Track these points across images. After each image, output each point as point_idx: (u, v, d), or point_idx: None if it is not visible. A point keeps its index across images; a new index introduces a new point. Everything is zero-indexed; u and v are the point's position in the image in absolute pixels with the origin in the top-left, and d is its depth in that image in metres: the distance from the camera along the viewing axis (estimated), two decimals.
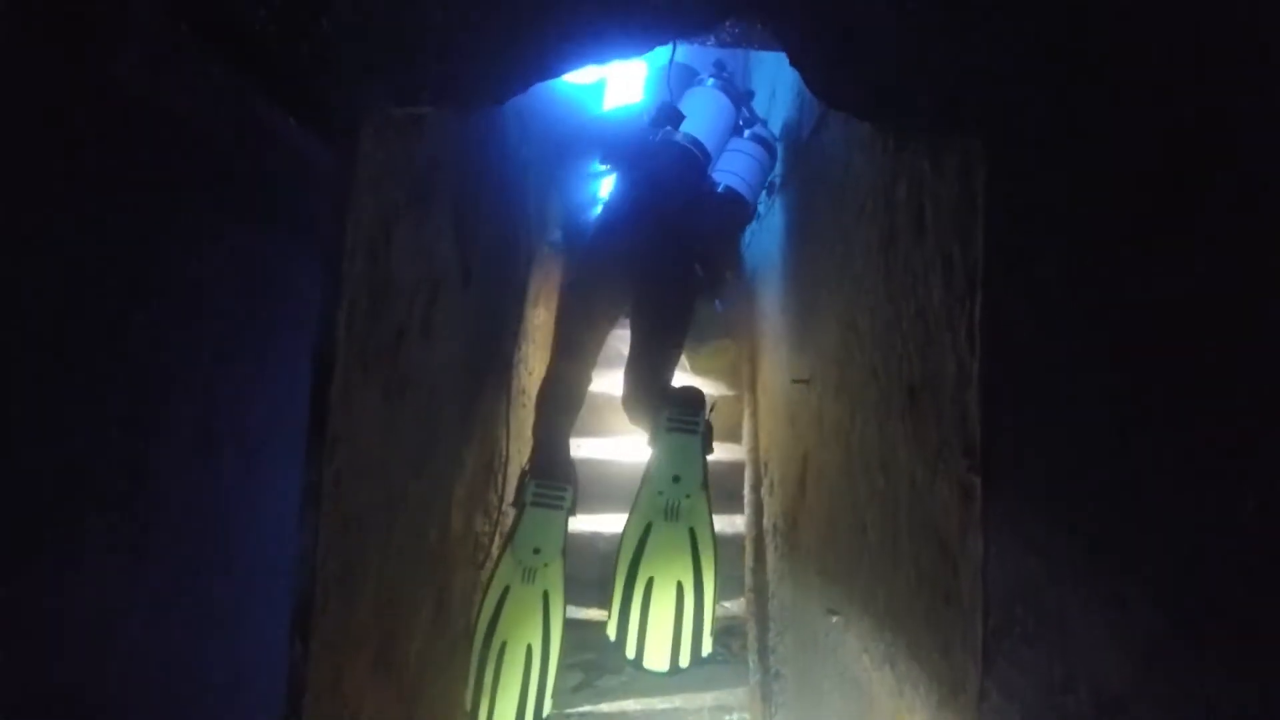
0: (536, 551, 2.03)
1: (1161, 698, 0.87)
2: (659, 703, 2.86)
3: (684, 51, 2.46)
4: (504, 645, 1.97)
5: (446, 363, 1.59)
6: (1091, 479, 0.94)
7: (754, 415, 3.39)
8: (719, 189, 2.51)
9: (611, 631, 1.93)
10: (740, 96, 2.71)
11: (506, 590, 2.00)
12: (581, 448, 3.30)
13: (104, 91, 0.66)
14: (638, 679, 2.97)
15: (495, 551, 2.23)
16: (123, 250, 0.69)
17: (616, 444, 3.45)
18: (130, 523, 0.71)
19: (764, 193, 2.76)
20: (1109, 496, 0.93)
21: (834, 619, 1.78)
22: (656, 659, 1.94)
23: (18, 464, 0.59)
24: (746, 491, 3.23)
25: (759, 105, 3.47)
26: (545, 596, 2.03)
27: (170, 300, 0.74)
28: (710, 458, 3.25)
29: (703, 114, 2.53)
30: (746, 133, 2.67)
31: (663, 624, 1.94)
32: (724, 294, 2.79)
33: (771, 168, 2.71)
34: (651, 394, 2.22)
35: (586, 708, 2.82)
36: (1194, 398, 0.87)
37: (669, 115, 2.44)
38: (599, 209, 2.50)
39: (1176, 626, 0.86)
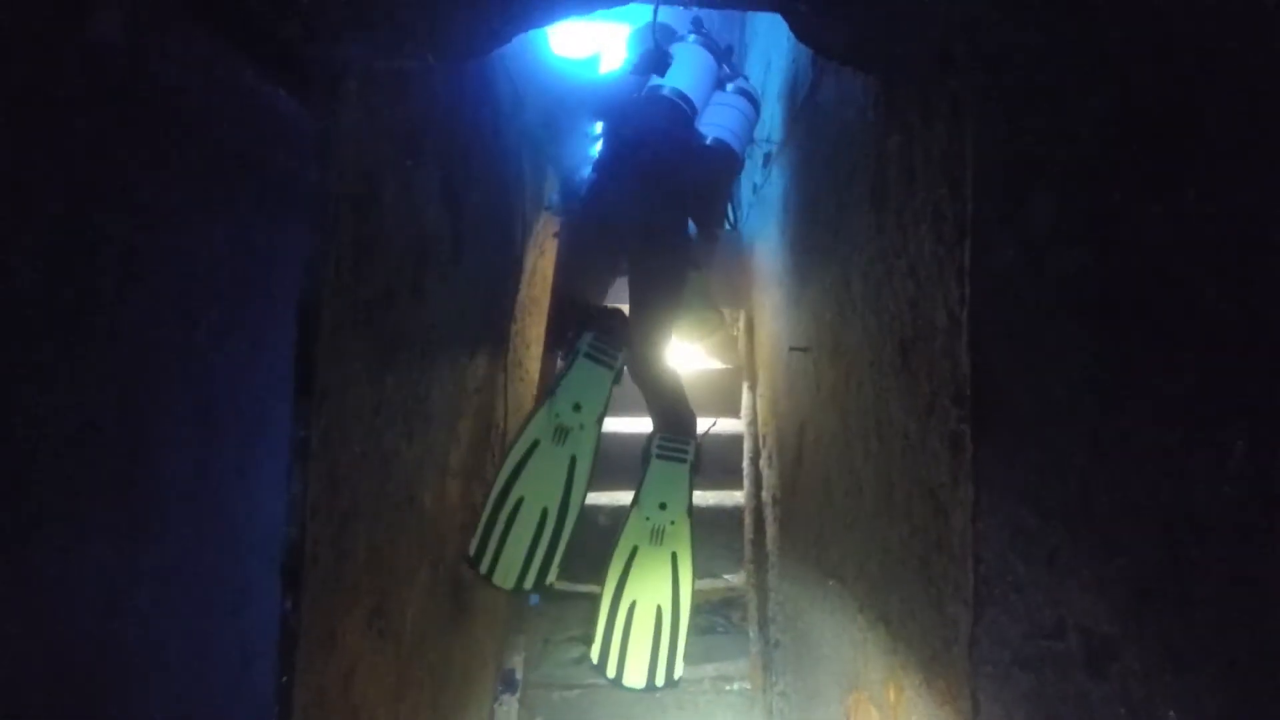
0: (577, 408, 1.99)
1: (1151, 641, 0.87)
2: None
3: (664, 12, 2.44)
4: (520, 501, 1.96)
5: (439, 328, 1.59)
6: (1081, 424, 0.93)
7: (752, 388, 3.39)
8: (707, 141, 2.50)
9: (595, 655, 1.98)
10: (721, 52, 2.71)
11: (535, 445, 1.97)
12: None
13: (86, 56, 0.65)
14: None
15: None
16: (112, 224, 0.68)
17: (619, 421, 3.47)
18: (130, 500, 0.71)
19: (750, 146, 2.78)
20: (1099, 441, 0.92)
21: (831, 583, 1.79)
22: (634, 678, 2.00)
23: (16, 443, 0.59)
24: (745, 464, 3.23)
25: (754, 78, 3.44)
26: (572, 462, 2.00)
27: (164, 276, 0.74)
28: (710, 432, 3.28)
29: (686, 69, 2.52)
30: (729, 86, 2.67)
31: (641, 646, 2.00)
32: (713, 251, 2.82)
33: (756, 120, 2.72)
34: (649, 361, 2.23)
35: (589, 681, 2.83)
36: (1184, 341, 0.87)
37: (656, 60, 2.44)
38: (592, 169, 2.49)
39: (1166, 570, 0.86)
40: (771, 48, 2.97)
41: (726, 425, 3.37)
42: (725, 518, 3.15)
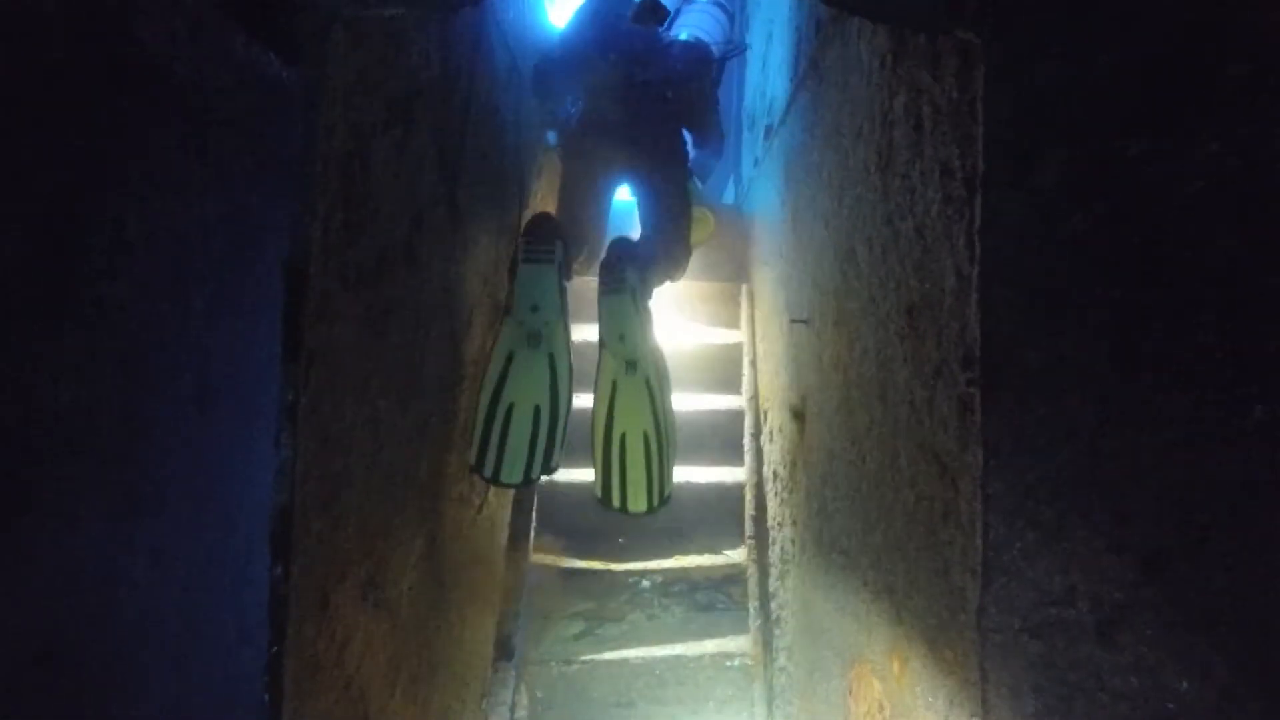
0: (535, 309, 2.01)
1: (1162, 608, 0.84)
2: (659, 650, 2.87)
3: None
4: (511, 406, 2.02)
5: (434, 297, 1.55)
6: (1092, 386, 0.90)
7: (753, 364, 3.36)
8: (682, 38, 2.57)
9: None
10: None
11: (511, 356, 2.02)
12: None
13: (72, 24, 0.63)
14: (638, 628, 2.99)
15: (490, 497, 2.23)
16: (102, 198, 0.66)
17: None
18: (127, 477, 0.70)
19: (728, 50, 2.85)
20: (1110, 404, 0.89)
21: (834, 556, 1.77)
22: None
23: (10, 422, 0.57)
24: (746, 440, 3.21)
25: (756, 50, 3.38)
26: (551, 360, 2.06)
27: (156, 250, 0.72)
28: (710, 408, 3.25)
29: None
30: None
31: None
32: (701, 157, 2.83)
33: (730, 27, 2.80)
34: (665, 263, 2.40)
35: (588, 656, 2.83)
36: (1202, 300, 0.84)
37: (651, 9, 2.48)
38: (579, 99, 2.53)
39: (1178, 537, 0.83)
40: (773, 19, 2.91)
41: (728, 402, 3.34)
42: (726, 494, 3.13)
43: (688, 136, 2.69)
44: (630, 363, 2.11)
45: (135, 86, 0.69)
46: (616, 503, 2.12)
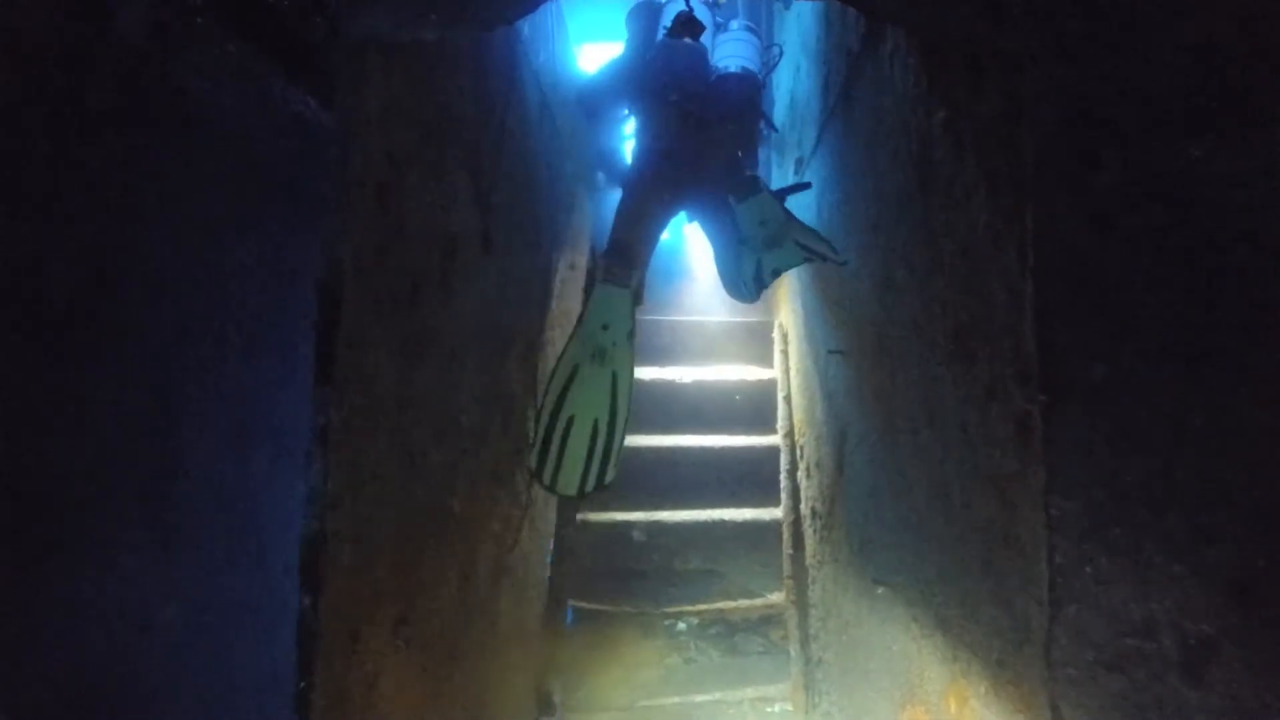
0: (605, 328, 2.09)
1: (1256, 641, 0.78)
2: (698, 696, 2.77)
3: None
4: (571, 419, 2.05)
5: (468, 329, 1.54)
6: (1163, 400, 0.85)
7: (787, 399, 3.30)
8: (732, 70, 2.63)
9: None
10: (710, 3, 2.86)
11: (576, 370, 2.07)
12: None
13: (118, 67, 0.64)
14: (675, 673, 2.89)
15: (523, 528, 2.21)
16: (144, 237, 0.66)
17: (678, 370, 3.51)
18: (162, 517, 0.69)
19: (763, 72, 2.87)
20: (1183, 419, 0.84)
21: (879, 590, 1.69)
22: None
23: (50, 458, 0.57)
24: (782, 478, 3.14)
25: (783, 85, 3.40)
26: (614, 378, 2.11)
27: (194, 288, 0.72)
28: (743, 445, 3.19)
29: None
30: (733, 24, 2.78)
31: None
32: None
33: (766, 49, 2.86)
34: (740, 274, 2.48)
35: (624, 703, 2.74)
36: (1274, 304, 0.79)
37: (689, 25, 2.56)
38: (634, 135, 2.61)
39: (1271, 561, 0.77)
40: (800, 53, 2.92)
41: (761, 439, 3.28)
42: (762, 534, 3.05)
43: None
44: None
45: (176, 131, 0.70)
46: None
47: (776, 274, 2.47)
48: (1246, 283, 0.82)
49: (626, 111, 2.65)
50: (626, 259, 2.23)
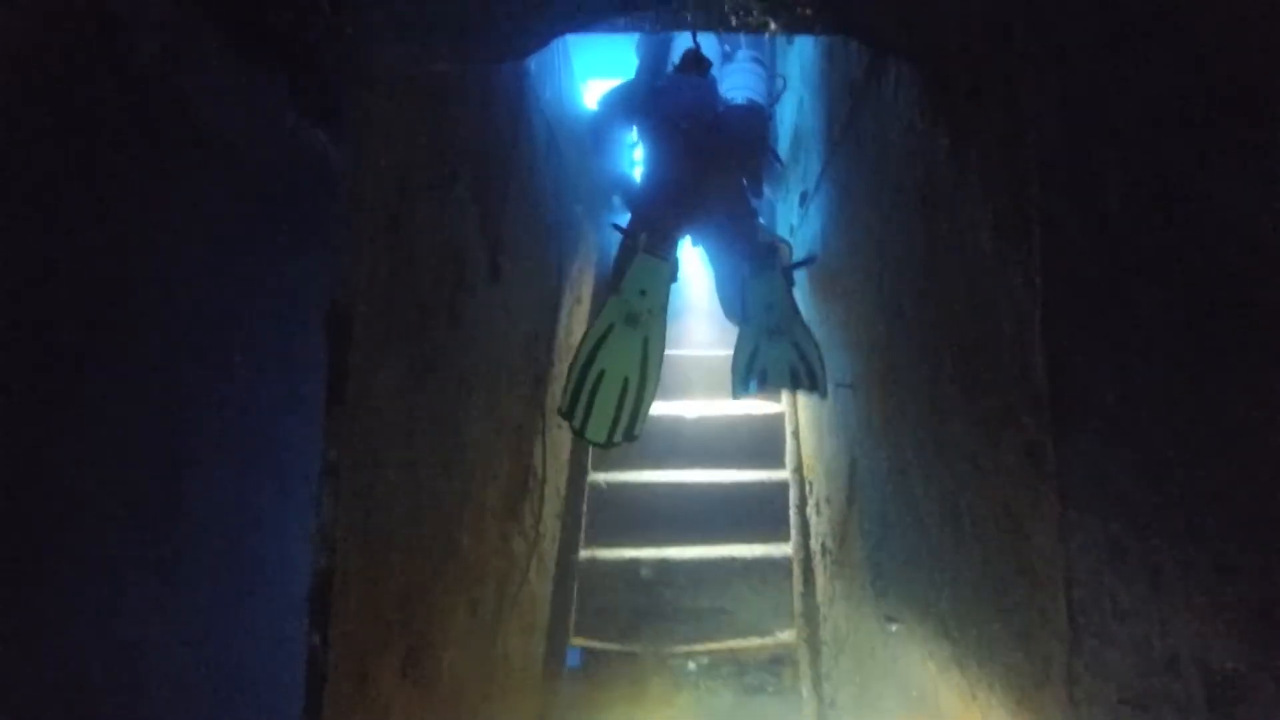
0: (643, 293, 2.20)
1: None
2: None
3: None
4: (602, 373, 2.17)
5: (476, 359, 1.54)
6: (1177, 422, 0.84)
7: (795, 434, 3.28)
8: (739, 102, 2.72)
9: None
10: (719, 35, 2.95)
11: (610, 328, 2.19)
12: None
13: (133, 98, 0.65)
14: (685, 715, 2.83)
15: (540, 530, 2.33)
16: (152, 266, 0.67)
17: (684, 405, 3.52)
18: (165, 550, 0.69)
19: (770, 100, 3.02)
20: (1199, 442, 0.83)
21: (892, 628, 1.66)
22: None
23: (51, 487, 0.57)
24: (791, 514, 3.11)
25: (787, 120, 3.44)
26: (645, 343, 2.21)
27: (201, 316, 0.72)
28: (752, 479, 3.17)
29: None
30: (739, 54, 2.86)
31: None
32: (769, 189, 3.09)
33: (771, 79, 2.97)
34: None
35: None
36: None
37: (696, 61, 2.64)
38: (643, 162, 2.71)
39: None
40: (803, 86, 2.96)
41: (770, 475, 3.25)
42: (772, 571, 3.00)
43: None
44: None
45: (187, 159, 0.71)
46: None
47: (763, 384, 2.52)
48: (1258, 298, 0.81)
49: (634, 138, 2.73)
50: (668, 236, 2.35)
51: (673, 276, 2.32)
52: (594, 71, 4.63)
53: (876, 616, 1.86)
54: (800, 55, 3.06)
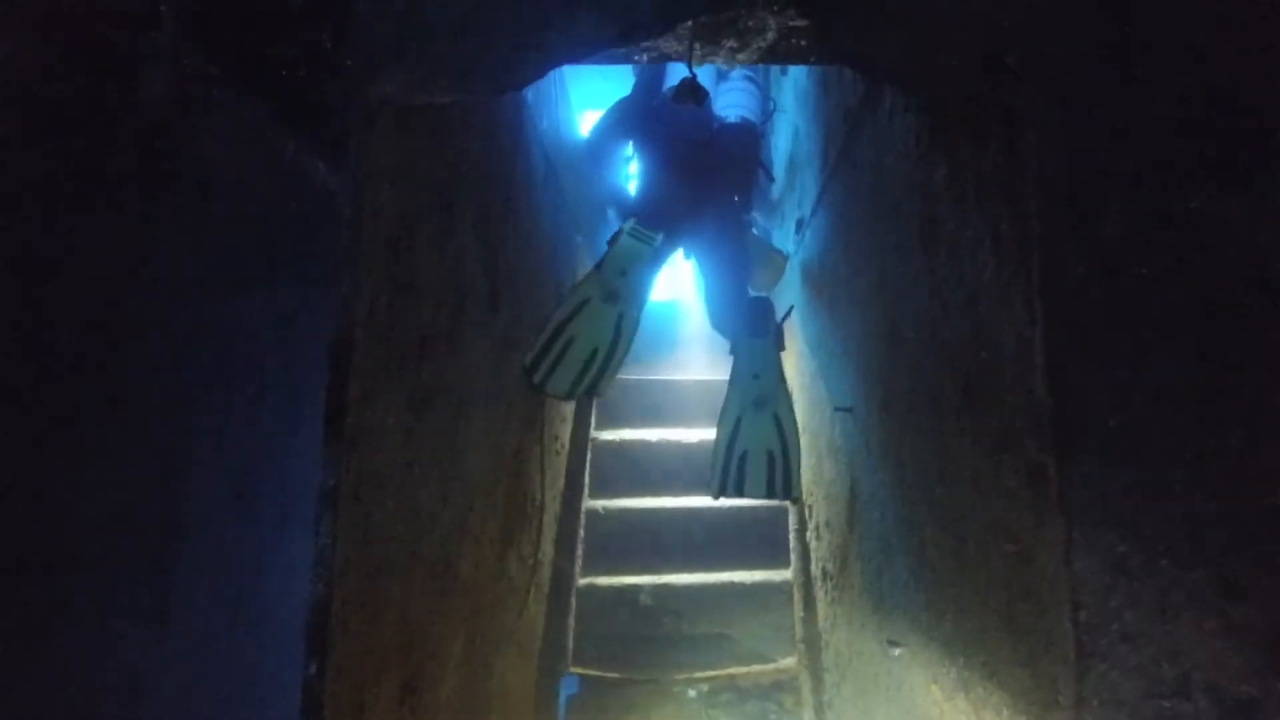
0: (623, 274, 2.26)
1: None
2: None
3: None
4: (572, 339, 2.21)
5: (475, 388, 1.54)
6: (1180, 444, 0.84)
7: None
8: (732, 120, 2.79)
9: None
10: None
11: (586, 302, 2.23)
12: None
13: (139, 133, 0.66)
14: None
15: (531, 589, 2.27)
16: (152, 301, 0.67)
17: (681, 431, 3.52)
18: (159, 583, 0.68)
19: (765, 121, 3.10)
20: (1203, 464, 0.83)
21: (895, 652, 1.65)
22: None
23: (46, 520, 0.57)
24: (791, 539, 3.09)
25: (782, 148, 3.47)
26: (620, 319, 2.27)
27: (200, 353, 0.72)
28: (751, 504, 3.16)
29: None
30: (733, 73, 2.92)
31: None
32: (760, 209, 3.19)
33: (763, 96, 3.05)
34: (734, 307, 2.63)
35: None
36: None
37: (693, 90, 2.69)
38: (637, 177, 2.76)
39: None
40: (799, 115, 3.00)
41: (768, 500, 3.24)
42: (773, 596, 2.98)
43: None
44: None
45: (187, 194, 0.71)
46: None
47: (740, 466, 2.51)
48: (1259, 320, 0.82)
49: (630, 153, 2.79)
50: (655, 222, 2.40)
51: (656, 263, 2.39)
52: (590, 103, 4.69)
53: (879, 641, 1.85)
54: (795, 84, 3.10)
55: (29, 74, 0.59)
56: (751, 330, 2.52)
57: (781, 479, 2.49)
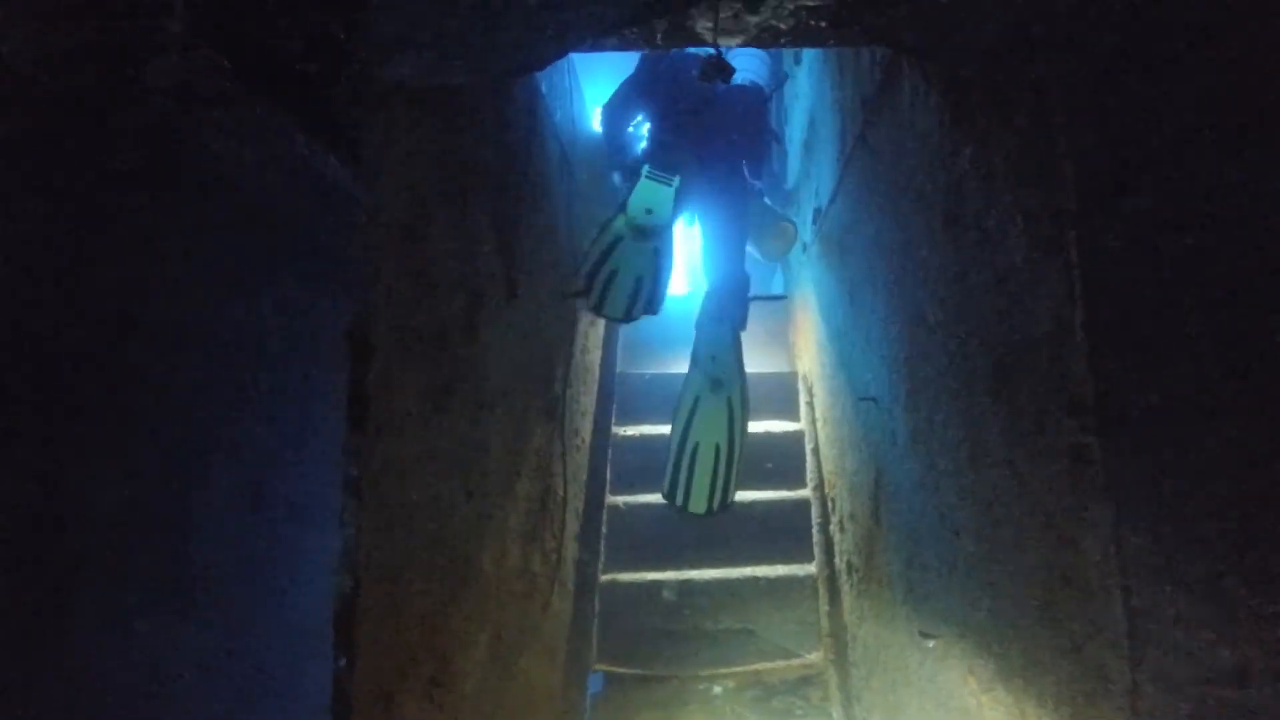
0: (649, 211, 2.35)
1: None
2: None
3: None
4: (614, 272, 2.34)
5: (495, 379, 1.52)
6: (1228, 421, 0.80)
7: (815, 451, 3.24)
8: (739, 81, 2.80)
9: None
10: None
11: (618, 240, 2.37)
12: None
13: (144, 131, 0.65)
14: None
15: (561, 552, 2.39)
16: (163, 300, 0.66)
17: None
18: (177, 579, 0.68)
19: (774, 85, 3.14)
20: (1253, 441, 0.79)
21: (929, 644, 1.61)
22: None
23: (65, 518, 0.56)
24: (814, 532, 3.05)
25: (797, 138, 3.44)
26: (654, 253, 2.40)
27: (212, 352, 0.72)
28: (773, 498, 3.13)
29: None
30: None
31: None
32: (766, 182, 3.18)
33: (771, 63, 3.07)
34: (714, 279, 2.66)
35: None
36: None
37: (718, 67, 2.70)
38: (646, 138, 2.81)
39: None
40: (815, 104, 2.96)
41: (791, 493, 3.21)
42: (797, 590, 2.95)
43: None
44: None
45: (200, 192, 0.70)
46: (679, 501, 2.41)
47: (691, 464, 2.58)
48: None
49: (640, 118, 2.83)
50: (668, 166, 2.46)
51: (676, 204, 2.47)
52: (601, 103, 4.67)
53: (910, 633, 1.81)
54: (809, 74, 3.07)
55: (38, 67, 0.57)
56: (712, 316, 2.58)
57: (723, 484, 2.57)
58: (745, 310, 2.69)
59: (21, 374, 0.54)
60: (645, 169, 2.43)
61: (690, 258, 4.62)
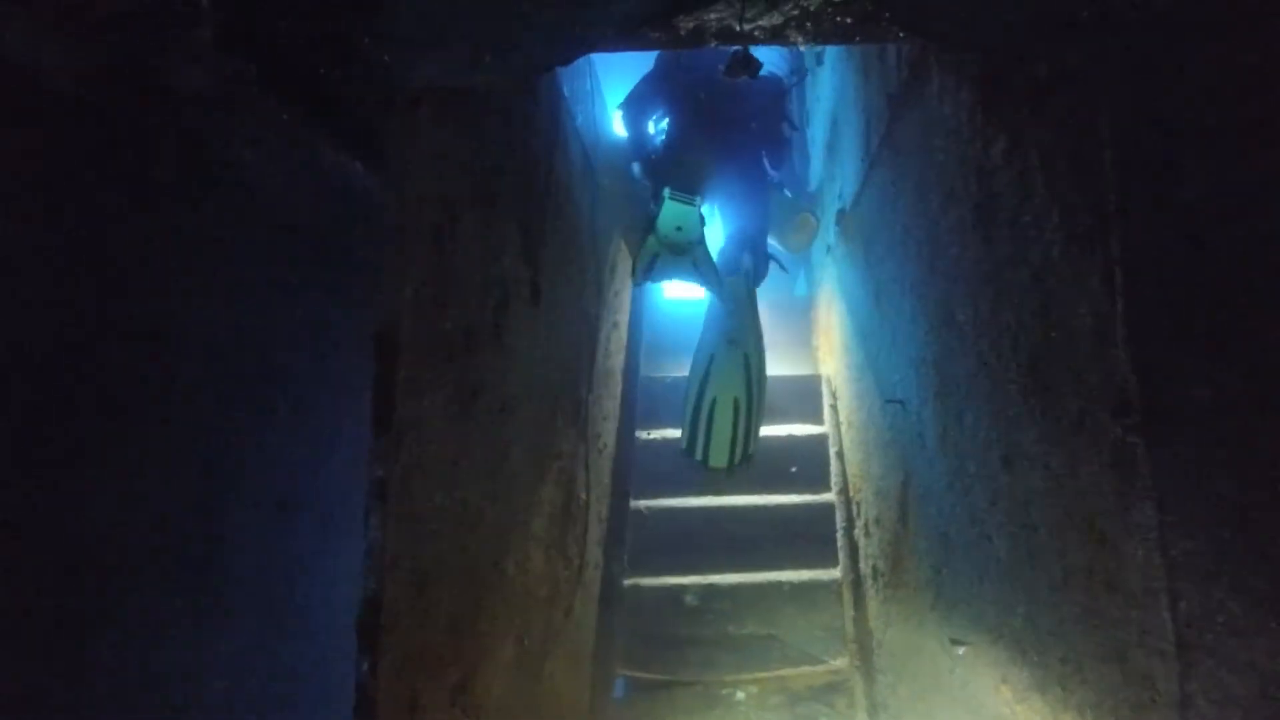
0: (679, 229, 2.46)
1: None
2: None
3: None
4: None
5: (519, 383, 1.51)
6: (1278, 418, 0.77)
7: (839, 455, 3.20)
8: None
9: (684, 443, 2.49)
10: None
11: (657, 256, 2.54)
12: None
13: (178, 142, 0.64)
14: None
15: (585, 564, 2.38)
16: (194, 310, 0.66)
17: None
18: (207, 586, 0.68)
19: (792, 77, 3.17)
20: None
21: (959, 650, 1.58)
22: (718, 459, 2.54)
23: (92, 527, 0.56)
24: (839, 537, 3.02)
25: (820, 140, 3.41)
26: (694, 264, 2.55)
27: (241, 361, 0.72)
28: (797, 501, 3.09)
29: None
30: None
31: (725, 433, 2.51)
32: (786, 174, 3.24)
33: (791, 55, 3.12)
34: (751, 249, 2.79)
35: None
36: None
37: (745, 62, 2.70)
38: (664, 129, 2.88)
39: None
40: (838, 104, 2.94)
41: (814, 496, 3.17)
42: (821, 595, 2.91)
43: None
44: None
45: (227, 202, 0.70)
46: (699, 455, 2.48)
47: (709, 419, 2.72)
48: None
49: (660, 114, 2.89)
50: (689, 186, 2.57)
51: (700, 221, 2.56)
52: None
53: (940, 640, 1.78)
54: (833, 74, 3.04)
55: (70, 78, 0.57)
56: (728, 268, 2.66)
57: (743, 438, 2.69)
58: (764, 264, 2.78)
59: (58, 385, 0.53)
60: (667, 191, 2.50)
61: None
